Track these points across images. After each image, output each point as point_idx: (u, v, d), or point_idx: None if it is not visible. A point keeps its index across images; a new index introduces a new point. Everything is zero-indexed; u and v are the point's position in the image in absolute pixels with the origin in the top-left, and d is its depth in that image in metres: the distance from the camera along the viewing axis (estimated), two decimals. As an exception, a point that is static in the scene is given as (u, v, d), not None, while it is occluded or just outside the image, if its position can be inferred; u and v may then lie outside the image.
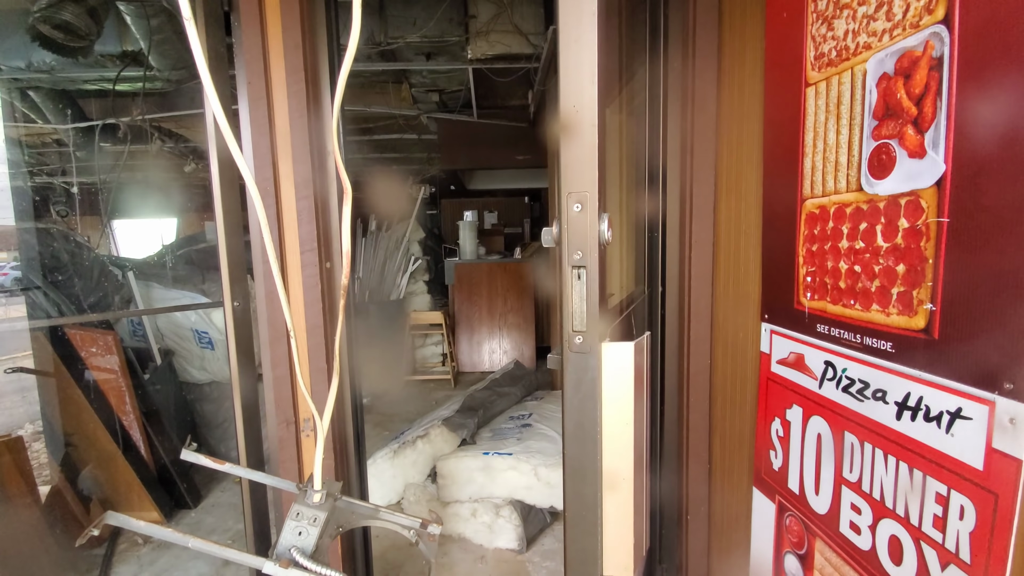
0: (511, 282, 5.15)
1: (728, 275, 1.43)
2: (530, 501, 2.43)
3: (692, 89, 1.46)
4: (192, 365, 3.28)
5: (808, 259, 1.04)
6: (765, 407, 1.21)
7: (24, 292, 2.55)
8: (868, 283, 0.88)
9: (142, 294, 3.22)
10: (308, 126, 1.50)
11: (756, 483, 1.26)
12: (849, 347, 0.93)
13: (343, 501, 1.09)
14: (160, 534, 0.88)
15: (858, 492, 0.92)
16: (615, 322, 0.99)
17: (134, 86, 3.20)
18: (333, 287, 1.60)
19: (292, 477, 1.62)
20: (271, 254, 0.95)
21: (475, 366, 5.09)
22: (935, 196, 0.75)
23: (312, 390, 1.57)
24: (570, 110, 0.74)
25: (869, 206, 0.88)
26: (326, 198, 1.58)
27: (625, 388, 0.83)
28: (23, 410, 4.27)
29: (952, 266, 0.73)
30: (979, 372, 0.70)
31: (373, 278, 5.40)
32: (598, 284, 0.78)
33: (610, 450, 0.84)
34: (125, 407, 2.58)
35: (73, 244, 2.98)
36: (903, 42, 0.80)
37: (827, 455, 1.00)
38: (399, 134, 4.90)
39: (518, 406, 3.45)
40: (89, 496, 2.47)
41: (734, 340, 1.40)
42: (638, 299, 1.49)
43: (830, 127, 0.97)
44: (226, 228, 1.58)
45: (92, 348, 2.56)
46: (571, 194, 0.77)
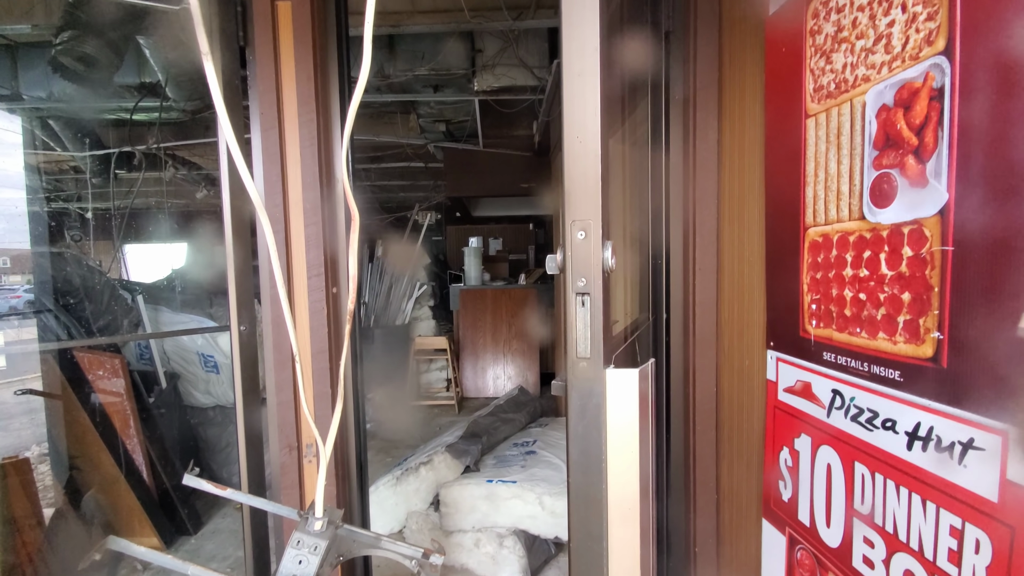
0: (515, 308, 5.16)
1: (733, 302, 1.43)
2: (534, 531, 2.38)
3: (693, 119, 1.48)
4: (197, 389, 3.29)
5: (812, 287, 1.04)
6: (773, 436, 1.19)
7: (36, 315, 2.58)
8: (874, 311, 0.88)
9: (150, 317, 3.25)
10: (318, 154, 1.54)
11: (766, 514, 1.23)
12: (857, 375, 0.92)
13: (344, 529, 1.08)
14: (160, 560, 0.87)
15: (870, 525, 0.90)
16: (620, 348, 0.98)
17: (151, 116, 3.29)
18: (339, 312, 1.61)
19: (293, 503, 1.60)
20: (279, 279, 0.97)
21: (479, 392, 5.05)
22: (938, 225, 0.75)
23: (316, 415, 1.57)
24: (574, 141, 0.76)
25: (872, 234, 0.88)
26: (334, 224, 1.60)
27: (630, 415, 0.82)
28: (30, 432, 4.27)
29: (958, 294, 0.73)
30: (990, 402, 0.69)
31: (379, 303, 5.42)
32: (602, 310, 0.78)
33: (616, 479, 0.83)
34: (129, 430, 2.58)
35: (85, 268, 3.03)
36: (902, 74, 0.82)
37: (837, 486, 0.98)
38: (406, 162, 4.99)
39: (522, 433, 3.41)
40: (91, 520, 2.44)
41: (740, 367, 1.39)
42: (642, 326, 1.49)
43: (831, 157, 0.98)
44: (235, 253, 1.61)
45: (99, 371, 2.58)
46: (575, 222, 0.78)
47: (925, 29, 0.77)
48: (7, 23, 2.53)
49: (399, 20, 2.57)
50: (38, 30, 2.54)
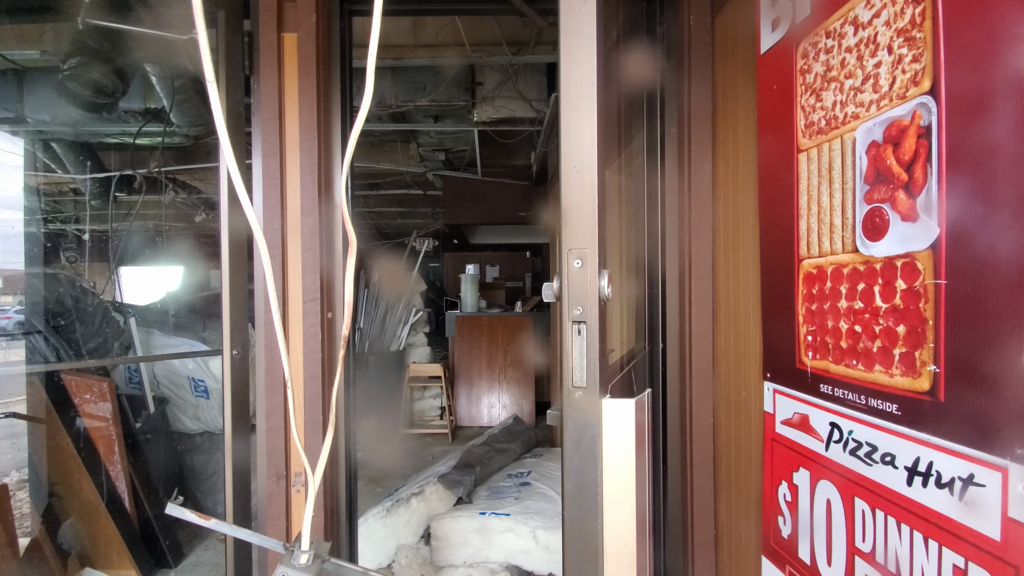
0: (511, 335, 5.14)
1: (729, 332, 1.42)
2: (528, 567, 2.31)
3: (688, 151, 1.51)
4: (186, 414, 3.23)
5: (808, 318, 1.04)
6: (771, 470, 1.17)
7: (25, 336, 2.54)
8: (869, 343, 0.88)
9: (142, 340, 3.21)
10: (318, 181, 1.55)
11: (765, 552, 1.20)
12: (854, 408, 0.92)
13: (331, 563, 1.04)
14: (137, 596, 0.84)
15: (872, 563, 0.87)
16: (616, 378, 0.98)
17: (153, 140, 3.33)
18: (334, 337, 1.60)
19: (279, 535, 1.55)
20: (274, 304, 0.96)
21: (473, 420, 4.98)
22: (931, 258, 0.76)
23: (306, 443, 1.54)
24: (571, 171, 0.77)
25: (866, 267, 0.89)
26: (331, 249, 1.61)
27: (627, 446, 0.81)
28: (11, 457, 4.15)
29: (953, 328, 0.73)
30: (989, 436, 0.68)
31: (374, 329, 5.39)
32: (598, 339, 0.78)
33: (612, 512, 0.81)
34: (113, 456, 2.52)
35: (79, 290, 3.01)
36: (890, 112, 0.84)
37: (838, 523, 0.96)
38: (405, 189, 5.05)
39: (517, 463, 3.35)
40: (68, 550, 2.36)
41: (737, 399, 1.38)
42: (639, 355, 1.48)
43: (823, 191, 1.00)
44: (231, 277, 1.60)
45: (86, 395, 2.53)
46: (572, 250, 0.78)
47: (911, 70, 0.79)
48: (17, 49, 2.58)
49: (401, 53, 2.64)
50: (46, 56, 2.59)
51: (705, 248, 1.49)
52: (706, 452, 1.50)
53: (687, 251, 1.52)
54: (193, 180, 4.44)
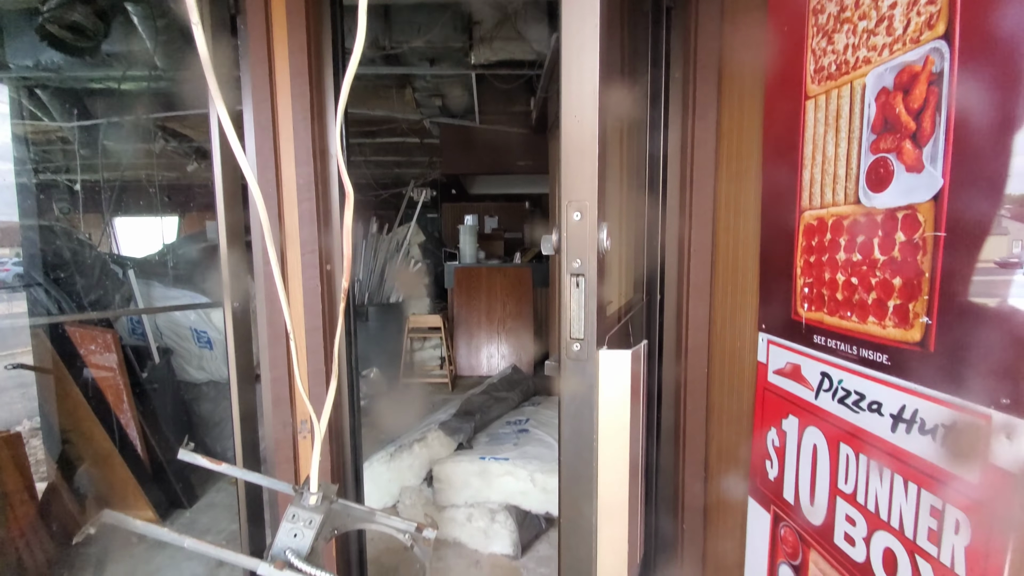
0: (510, 287, 5.16)
1: (726, 284, 1.43)
2: (526, 507, 2.43)
3: (692, 99, 1.47)
4: (190, 364, 3.29)
5: (806, 270, 1.05)
6: (762, 417, 1.21)
7: (26, 289, 2.55)
8: (865, 295, 0.89)
9: (142, 292, 3.22)
10: (311, 129, 1.51)
11: (752, 493, 1.26)
12: (845, 359, 0.93)
13: (339, 504, 1.09)
14: (156, 534, 0.88)
15: (853, 504, 0.92)
16: (613, 330, 0.99)
17: (139, 86, 3.22)
18: (333, 289, 1.61)
19: (288, 479, 1.62)
20: (272, 256, 0.96)
21: (473, 370, 5.09)
22: (932, 210, 0.76)
23: (310, 392, 1.58)
24: (571, 120, 0.75)
25: (867, 219, 0.88)
26: (328, 200, 1.59)
27: (622, 396, 0.83)
28: (21, 406, 4.27)
29: (948, 280, 0.73)
30: (975, 386, 0.70)
31: (373, 280, 5.41)
32: (596, 292, 0.78)
33: (606, 457, 0.84)
34: (122, 405, 2.58)
35: (75, 242, 2.99)
36: (903, 57, 0.81)
37: (822, 466, 1.00)
38: (401, 137, 4.92)
39: (515, 411, 3.45)
40: (85, 494, 2.46)
41: (731, 349, 1.41)
42: (636, 307, 1.50)
43: (829, 140, 0.98)
44: (228, 229, 1.59)
45: (91, 346, 2.57)
46: (571, 203, 0.77)
47: (926, 12, 0.76)
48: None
49: (395, -10, 2.51)
50: (24, -3, 2.46)
51: (706, 201, 1.48)
52: (699, 400, 1.54)
53: (688, 203, 1.50)
54: (184, 128, 4.32)
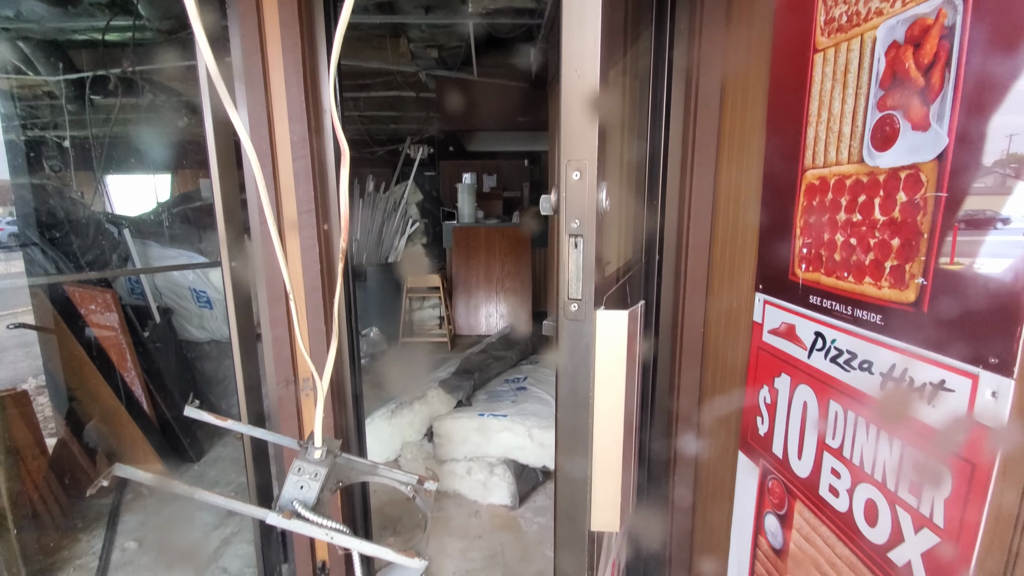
0: (509, 247, 5.15)
1: (725, 245, 1.43)
2: (523, 461, 2.51)
3: (697, 55, 1.42)
4: (191, 324, 3.31)
5: (805, 231, 1.04)
6: (755, 375, 1.23)
7: (22, 248, 2.54)
8: (862, 256, 0.89)
9: (139, 252, 3.21)
10: (304, 82, 1.47)
11: (742, 447, 1.30)
12: (839, 319, 0.95)
13: (343, 458, 1.13)
14: (167, 486, 0.92)
15: (839, 458, 0.95)
16: (611, 290, 1.00)
17: (123, 36, 3.09)
18: (331, 249, 1.60)
19: (292, 434, 1.66)
20: (269, 214, 0.95)
21: (472, 329, 5.14)
22: (935, 170, 0.75)
23: (311, 350, 1.60)
24: (571, 75, 0.73)
25: (869, 179, 0.87)
26: (323, 158, 1.56)
27: (618, 355, 0.84)
28: (26, 364, 4.33)
29: (946, 242, 0.73)
30: (965, 346, 0.71)
31: (370, 240, 5.38)
32: (595, 253, 0.78)
33: (602, 414, 0.86)
34: (126, 364, 2.62)
35: (68, 200, 2.96)
36: (916, 8, 0.78)
37: (811, 422, 1.03)
38: (397, 91, 4.78)
39: (513, 370, 3.51)
40: (94, 448, 2.53)
41: (728, 310, 1.42)
42: (634, 267, 1.50)
43: (836, 96, 0.95)
44: (222, 187, 1.57)
45: (91, 305, 2.58)
46: (570, 162, 0.76)
47: (946, -42, 0.73)
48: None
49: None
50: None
51: (708, 160, 1.45)
52: (694, 359, 1.57)
53: (690, 163, 1.48)
54: (171, 81, 4.18)
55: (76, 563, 2.10)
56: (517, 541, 2.19)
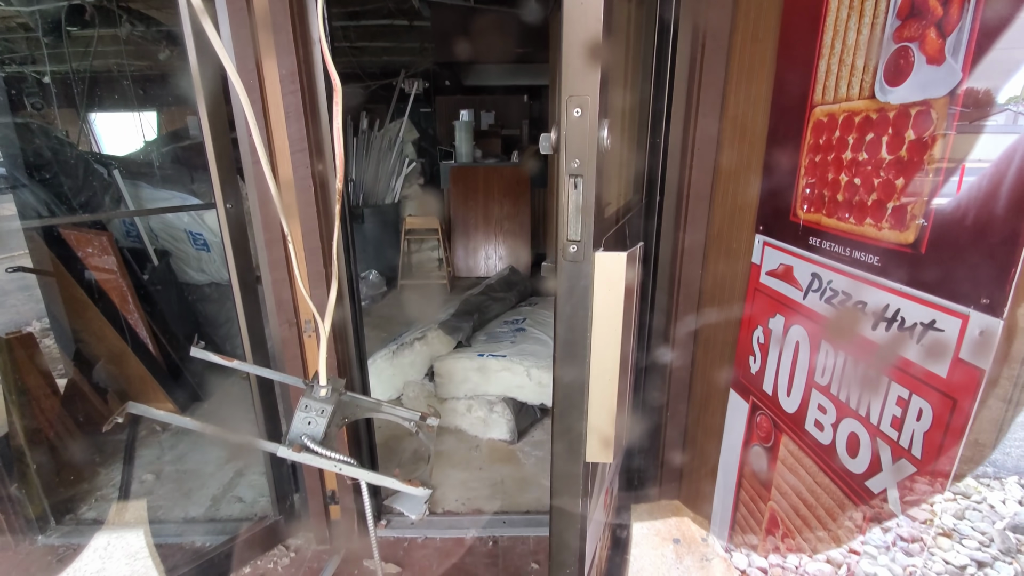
0: (508, 187, 5.06)
1: (728, 185, 1.41)
2: (522, 399, 2.59)
3: (708, -23, 1.34)
4: (190, 266, 3.31)
5: (810, 170, 1.03)
6: (750, 316, 1.25)
7: (12, 190, 2.49)
8: (865, 196, 0.88)
9: (131, 194, 3.15)
10: (290, 9, 1.39)
11: (733, 386, 1.34)
12: (837, 260, 0.95)
13: (347, 395, 1.16)
14: (180, 422, 0.95)
15: (826, 394, 0.99)
16: (610, 231, 0.99)
17: (94, -41, 2.88)
18: (327, 190, 1.58)
19: (296, 374, 1.70)
20: (261, 153, 0.93)
21: (471, 271, 5.15)
22: (946, 107, 0.73)
23: (312, 292, 1.61)
24: (574, 4, 0.69)
25: (879, 115, 0.85)
26: (314, 93, 1.50)
27: (616, 296, 0.85)
28: (28, 308, 4.36)
29: (950, 182, 0.72)
30: (958, 287, 0.72)
31: (366, 181, 5.28)
32: (595, 193, 0.77)
33: (598, 354, 0.88)
34: (128, 306, 2.64)
35: (54, 140, 2.87)
36: (943, -72, 0.73)
37: (802, 361, 1.06)
38: (389, 19, 4.53)
39: (512, 311, 3.56)
40: (105, 388, 2.60)
41: (727, 251, 1.42)
42: (635, 208, 1.48)
43: (851, 26, 0.91)
44: (211, 125, 1.52)
45: (88, 248, 2.57)
46: (571, 98, 0.73)
47: None
48: None
49: None
50: None
51: (715, 95, 1.40)
52: (691, 301, 1.59)
53: (695, 98, 1.43)
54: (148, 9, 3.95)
55: (97, 494, 2.22)
56: (516, 472, 2.30)
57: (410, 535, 1.93)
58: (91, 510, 2.12)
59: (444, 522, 1.99)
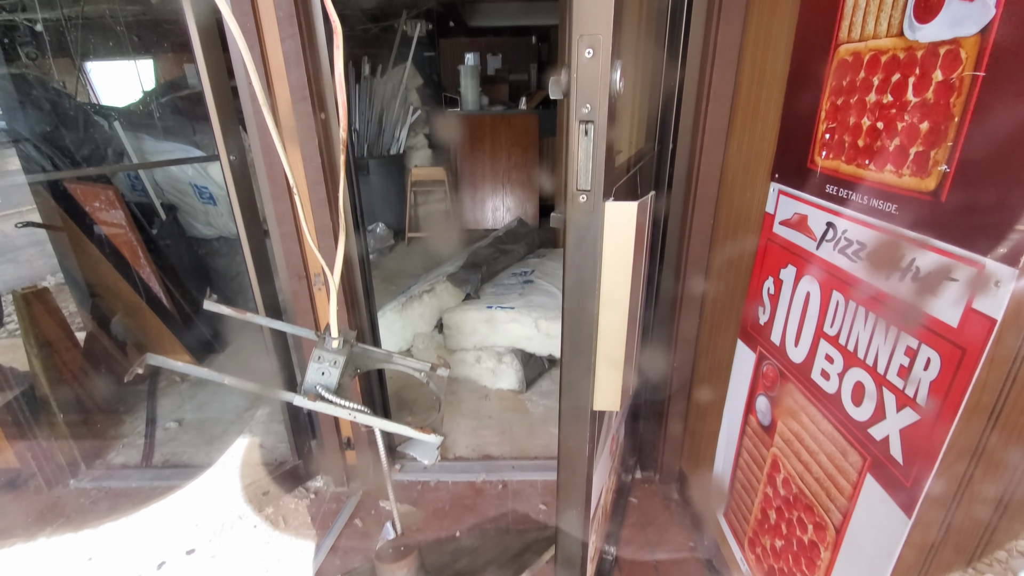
0: (515, 136, 4.93)
1: (744, 131, 1.36)
2: (530, 350, 2.63)
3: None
4: (197, 220, 3.31)
5: (831, 114, 0.99)
6: (761, 266, 1.24)
7: (14, 144, 2.47)
8: (887, 141, 0.85)
9: (134, 147, 3.12)
10: (284, -51, 1.32)
11: (741, 336, 1.35)
12: (854, 208, 0.93)
13: (359, 347, 1.19)
14: (199, 373, 0.98)
15: (834, 344, 0.99)
16: (621, 181, 0.97)
17: None
18: (331, 140, 1.55)
19: (308, 326, 1.73)
20: (262, 101, 0.91)
21: (478, 223, 5.11)
22: (976, 46, 0.68)
23: (320, 245, 1.61)
24: (585, -68, 0.64)
25: (906, 55, 0.81)
26: (314, 37, 1.45)
27: (625, 247, 0.84)
28: (42, 263, 4.41)
29: (976, 126, 0.69)
30: (977, 236, 0.70)
31: (371, 131, 5.17)
32: (606, 141, 0.75)
33: (607, 305, 0.89)
34: (140, 261, 2.67)
35: (52, 91, 2.81)
36: None
37: (812, 311, 1.05)
38: (389, -42, 4.29)
39: (520, 263, 3.55)
40: (123, 341, 2.67)
41: (740, 200, 1.39)
42: (646, 156, 1.45)
43: (883, -45, 0.85)
44: (209, 73, 1.48)
45: (95, 203, 2.56)
46: (583, 37, 0.70)
47: None
48: None
49: None
50: None
51: (734, 34, 1.33)
52: (702, 251, 1.57)
53: (713, 38, 1.36)
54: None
55: (124, 441, 2.32)
56: (524, 420, 2.37)
57: (423, 478, 2.02)
58: (119, 456, 2.22)
59: (455, 467, 2.07)
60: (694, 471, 1.80)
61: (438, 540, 1.75)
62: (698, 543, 1.70)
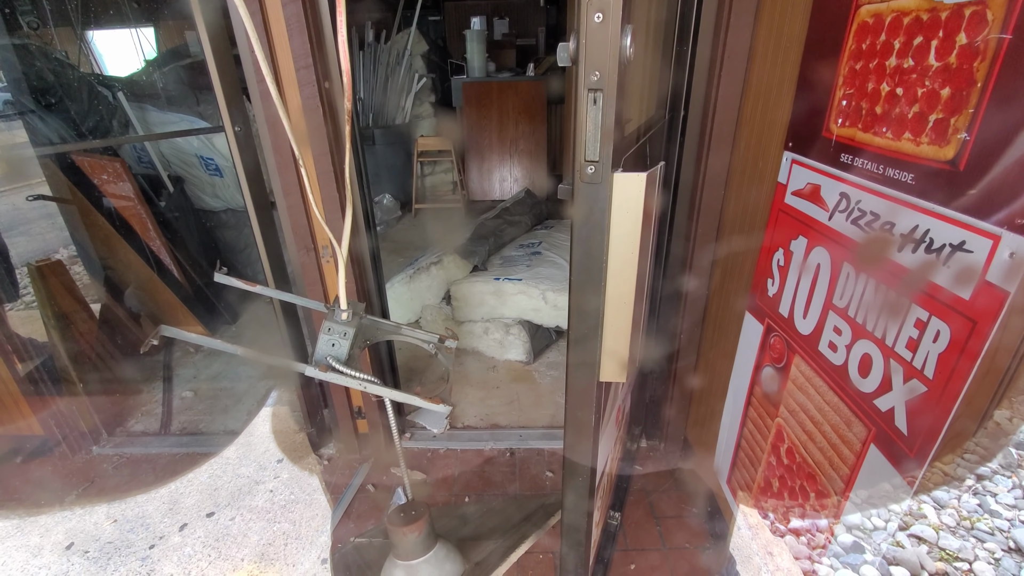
0: (523, 104, 4.83)
1: (758, 98, 1.33)
2: (537, 321, 2.64)
3: None
4: (204, 192, 3.31)
5: (849, 79, 0.96)
6: (772, 238, 1.23)
7: (20, 117, 2.46)
8: (907, 108, 0.82)
9: (139, 118, 3.09)
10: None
11: (749, 307, 1.34)
12: (869, 178, 0.91)
13: (368, 319, 1.20)
14: (214, 344, 0.99)
15: (843, 316, 0.98)
16: (630, 151, 0.95)
17: None
18: (335, 110, 1.53)
19: (317, 298, 1.75)
20: (265, 71, 0.89)
21: (486, 194, 5.07)
22: (1004, 7, 0.65)
23: (327, 217, 1.61)
24: None
25: (930, 16, 0.77)
26: (316, 2, 1.41)
27: (634, 219, 0.84)
28: (54, 235, 4.46)
29: (1000, 91, 0.67)
30: (994, 207, 0.69)
31: (375, 99, 5.09)
32: (615, 110, 0.74)
33: (614, 277, 0.88)
34: (149, 233, 2.68)
35: (55, 62, 2.78)
36: None
37: (822, 283, 1.05)
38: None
39: (528, 235, 3.53)
40: (137, 312, 2.72)
41: (752, 171, 1.36)
42: (656, 125, 1.42)
43: (910, -92, 0.80)
44: (211, 41, 1.45)
45: (103, 175, 2.57)
46: (592, 1, 0.68)
47: None
48: None
49: None
50: None
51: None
52: (711, 222, 1.55)
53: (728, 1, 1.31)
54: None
55: (143, 409, 2.38)
56: (531, 390, 2.40)
57: (433, 447, 2.06)
58: (138, 423, 2.29)
59: (464, 435, 2.11)
60: (699, 440, 1.83)
61: (447, 505, 1.80)
62: (702, 510, 1.74)
